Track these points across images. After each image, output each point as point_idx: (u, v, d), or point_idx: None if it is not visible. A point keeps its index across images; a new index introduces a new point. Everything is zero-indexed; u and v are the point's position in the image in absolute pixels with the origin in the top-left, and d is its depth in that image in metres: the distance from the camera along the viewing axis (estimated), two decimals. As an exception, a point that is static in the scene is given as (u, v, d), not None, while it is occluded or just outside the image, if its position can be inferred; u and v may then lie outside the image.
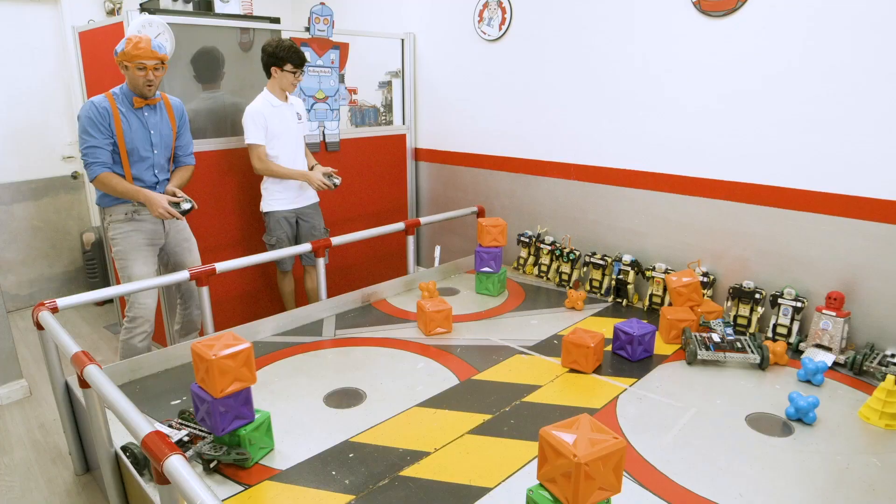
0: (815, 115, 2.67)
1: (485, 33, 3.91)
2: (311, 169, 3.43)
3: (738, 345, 2.63)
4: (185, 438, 1.99)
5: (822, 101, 2.63)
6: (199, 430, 2.03)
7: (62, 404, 2.37)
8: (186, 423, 2.09)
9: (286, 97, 3.34)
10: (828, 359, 2.58)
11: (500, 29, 3.82)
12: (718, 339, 2.65)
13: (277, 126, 3.28)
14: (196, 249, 3.07)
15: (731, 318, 2.95)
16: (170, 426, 2.06)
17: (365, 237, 3.41)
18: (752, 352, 2.59)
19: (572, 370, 2.58)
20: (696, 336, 2.71)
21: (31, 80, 4.29)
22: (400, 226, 3.53)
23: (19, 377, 3.13)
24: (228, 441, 1.95)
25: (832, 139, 2.64)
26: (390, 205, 4.46)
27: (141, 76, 2.63)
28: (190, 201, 2.80)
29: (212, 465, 1.92)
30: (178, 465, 1.31)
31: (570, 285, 3.57)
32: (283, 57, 3.17)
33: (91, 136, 2.64)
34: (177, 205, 2.75)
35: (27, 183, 4.38)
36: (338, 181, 3.37)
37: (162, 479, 1.36)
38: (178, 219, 2.79)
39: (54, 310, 2.29)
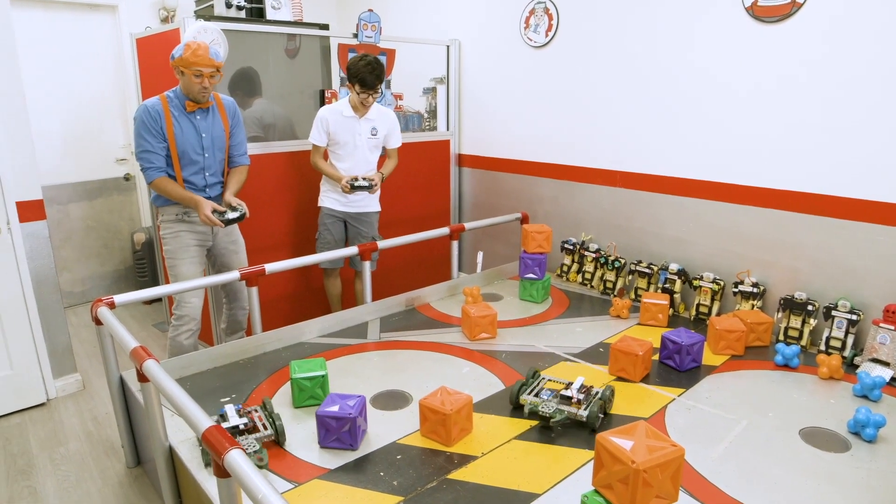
0: (872, 122, 2.60)
1: (531, 40, 3.91)
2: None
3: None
4: (241, 426, 2.04)
5: (881, 109, 2.57)
6: (259, 424, 2.08)
7: (116, 398, 2.44)
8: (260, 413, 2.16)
9: (366, 111, 3.35)
10: (885, 374, 2.50)
11: (547, 35, 3.81)
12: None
13: (341, 135, 3.33)
14: (243, 252, 3.13)
15: (783, 331, 2.89)
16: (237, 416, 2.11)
17: (410, 241, 3.43)
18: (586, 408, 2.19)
19: (619, 378, 2.55)
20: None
21: (90, 86, 4.44)
22: (445, 230, 3.55)
23: (74, 371, 3.23)
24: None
25: (889, 147, 2.56)
26: (433, 210, 4.48)
27: (197, 83, 2.69)
28: (238, 210, 2.84)
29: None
30: (238, 459, 1.34)
31: (615, 293, 3.54)
32: (352, 75, 3.20)
33: (145, 140, 2.71)
34: (222, 213, 2.81)
35: (82, 184, 4.53)
36: (364, 184, 3.29)
37: (221, 472, 1.39)
38: (218, 227, 2.83)
39: (111, 305, 2.36)
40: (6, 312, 2.93)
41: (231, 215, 2.81)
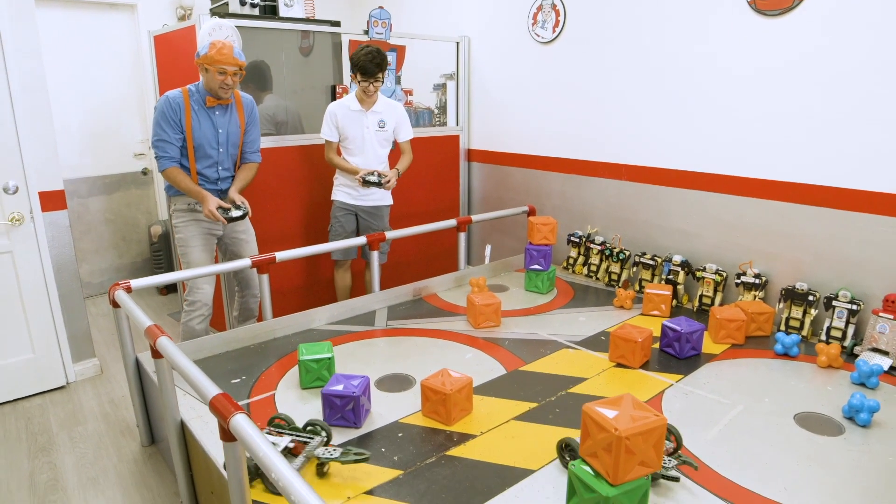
0: (872, 114, 2.62)
1: (538, 36, 3.97)
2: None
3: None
4: (290, 445, 1.91)
5: (881, 100, 2.59)
6: (299, 436, 1.95)
7: (132, 379, 2.54)
8: (281, 430, 2.00)
9: (372, 103, 3.41)
10: (884, 363, 2.53)
11: (554, 31, 3.87)
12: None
13: (349, 129, 3.40)
14: (253, 241, 3.21)
15: (784, 321, 2.92)
16: (268, 433, 1.99)
17: (417, 233, 3.51)
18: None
19: (619, 365, 2.60)
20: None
21: (109, 83, 4.57)
22: (452, 222, 3.62)
23: (92, 356, 3.34)
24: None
25: (890, 138, 2.59)
26: (443, 204, 4.55)
27: (220, 80, 2.79)
28: (242, 209, 2.94)
29: (325, 469, 1.87)
30: (243, 423, 1.42)
31: (620, 285, 3.58)
32: (353, 64, 3.27)
33: (163, 129, 2.82)
34: (227, 210, 2.90)
35: (101, 178, 4.66)
36: (375, 179, 3.35)
37: (228, 437, 1.47)
38: (223, 223, 2.93)
39: (128, 289, 2.46)
40: (29, 298, 3.04)
41: (235, 213, 2.91)
